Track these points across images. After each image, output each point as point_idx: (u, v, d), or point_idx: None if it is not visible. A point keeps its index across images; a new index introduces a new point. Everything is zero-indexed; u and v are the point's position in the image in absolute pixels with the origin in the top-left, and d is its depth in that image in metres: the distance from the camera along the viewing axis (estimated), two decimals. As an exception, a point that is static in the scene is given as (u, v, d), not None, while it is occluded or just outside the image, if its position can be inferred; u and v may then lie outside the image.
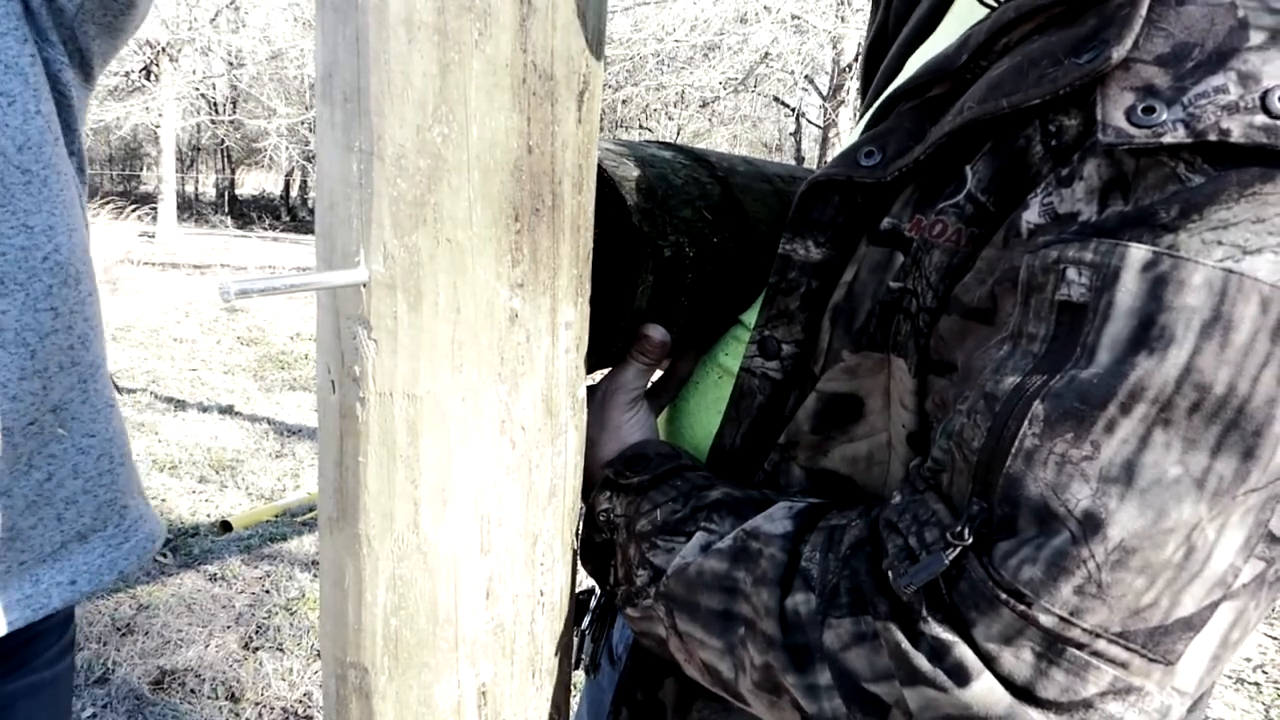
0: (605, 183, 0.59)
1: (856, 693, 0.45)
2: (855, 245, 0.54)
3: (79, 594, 0.92)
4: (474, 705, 0.55)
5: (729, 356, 0.66)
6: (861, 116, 0.70)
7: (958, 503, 0.44)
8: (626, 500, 0.59)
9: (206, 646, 2.49)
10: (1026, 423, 0.41)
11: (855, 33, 9.35)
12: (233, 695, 2.29)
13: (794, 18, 9.62)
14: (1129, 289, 0.40)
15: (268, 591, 2.82)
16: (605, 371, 0.66)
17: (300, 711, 2.25)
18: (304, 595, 2.80)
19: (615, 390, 0.64)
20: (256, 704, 2.25)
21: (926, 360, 0.50)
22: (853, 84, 9.92)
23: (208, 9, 13.58)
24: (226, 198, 21.90)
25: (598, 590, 0.83)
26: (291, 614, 2.69)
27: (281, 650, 2.50)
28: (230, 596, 2.77)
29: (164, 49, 12.87)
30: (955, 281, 0.48)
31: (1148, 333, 0.40)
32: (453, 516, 0.51)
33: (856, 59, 9.93)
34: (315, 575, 2.92)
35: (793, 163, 7.47)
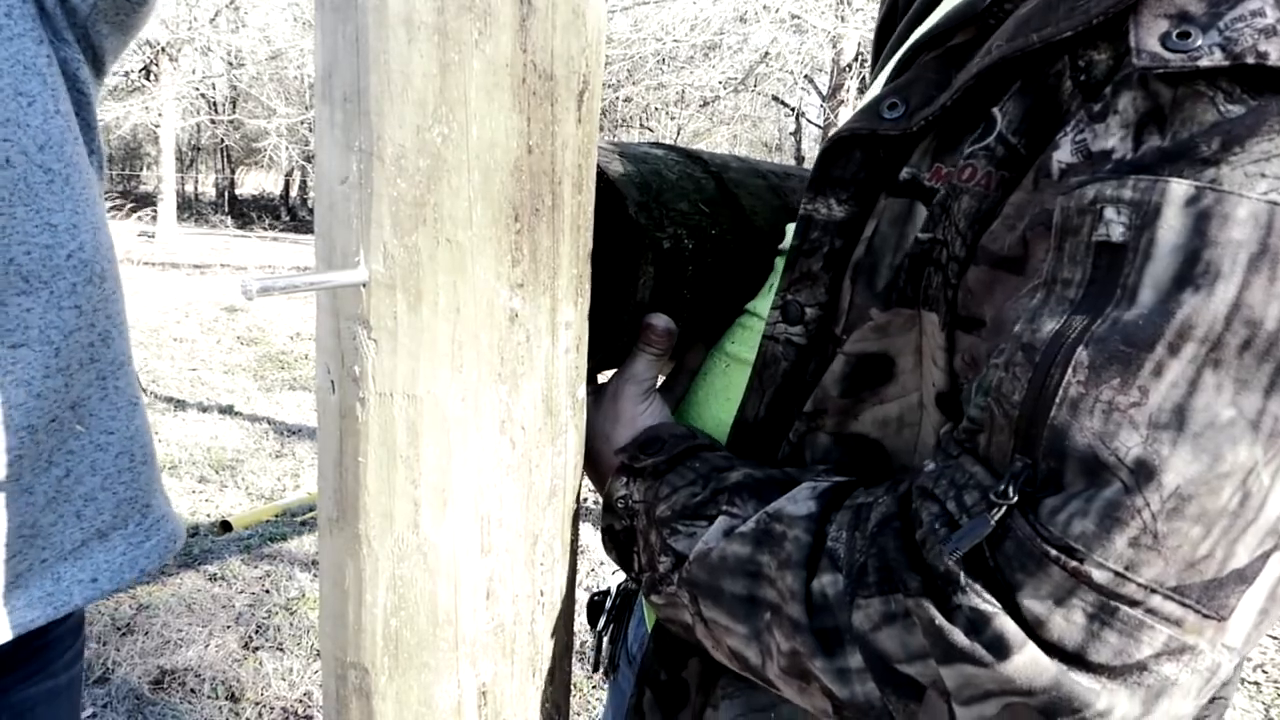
0: (600, 178, 0.60)
1: (889, 675, 0.44)
2: (876, 200, 0.53)
3: (100, 592, 0.92)
4: (474, 705, 0.55)
5: (736, 344, 0.66)
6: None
7: (998, 463, 0.43)
8: (644, 485, 0.58)
9: (206, 646, 2.49)
10: (1070, 370, 0.40)
11: (855, 32, 9.35)
12: (233, 695, 2.28)
13: (794, 17, 9.61)
14: (1171, 225, 0.39)
15: (268, 591, 2.82)
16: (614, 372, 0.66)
17: (300, 711, 2.25)
18: (304, 595, 2.80)
19: (627, 382, 0.63)
20: (256, 704, 2.25)
21: (955, 314, 0.48)
22: (853, 84, 9.91)
23: (208, 9, 13.58)
24: (226, 198, 21.90)
25: (611, 591, 0.82)
26: (291, 614, 2.69)
27: (281, 650, 2.50)
28: (230, 596, 2.77)
29: (164, 49, 12.86)
30: (984, 228, 0.47)
31: (1193, 269, 0.38)
32: (453, 517, 0.51)
33: (856, 59, 9.94)
34: (315, 575, 2.92)
35: (792, 163, 7.50)
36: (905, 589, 0.43)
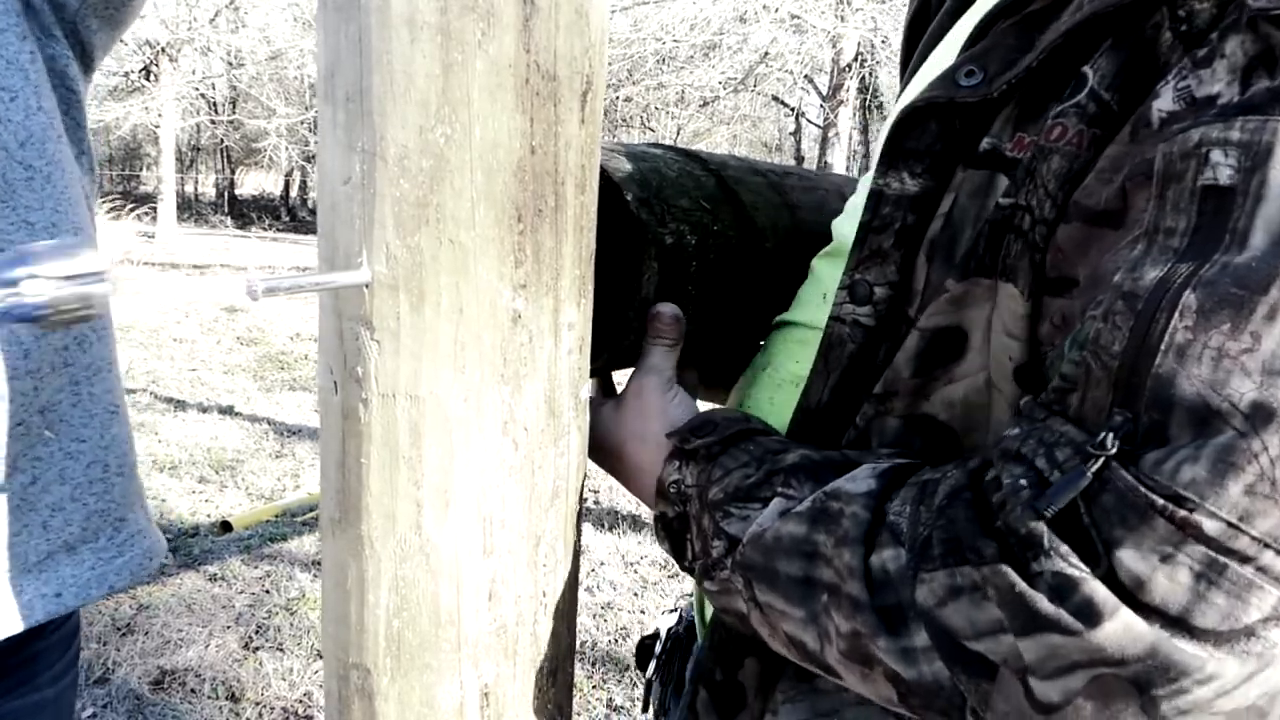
0: (600, 175, 0.60)
1: (958, 652, 0.41)
2: (953, 173, 0.51)
3: (64, 607, 0.87)
4: (476, 706, 0.55)
5: (799, 364, 0.64)
6: (901, 92, 0.68)
7: (1092, 421, 0.40)
8: (697, 469, 0.56)
9: (206, 646, 2.49)
10: (1177, 315, 0.37)
11: (855, 32, 9.35)
12: (233, 695, 2.28)
13: (793, 17, 9.62)
14: None
15: (268, 591, 2.82)
16: (628, 373, 0.66)
17: (300, 711, 2.25)
18: (304, 595, 2.80)
19: (647, 375, 0.63)
20: (256, 704, 2.25)
21: (1042, 279, 0.46)
22: (852, 84, 9.92)
23: (207, 9, 13.59)
24: (226, 198, 21.91)
25: (661, 634, 0.81)
26: (291, 614, 2.69)
27: (281, 650, 2.50)
28: (230, 596, 2.77)
29: (164, 49, 12.87)
30: (1075, 188, 0.45)
31: None
32: (455, 518, 0.51)
33: (856, 58, 9.94)
34: (315, 575, 2.92)
35: (792, 163, 7.53)
36: (978, 558, 0.41)
